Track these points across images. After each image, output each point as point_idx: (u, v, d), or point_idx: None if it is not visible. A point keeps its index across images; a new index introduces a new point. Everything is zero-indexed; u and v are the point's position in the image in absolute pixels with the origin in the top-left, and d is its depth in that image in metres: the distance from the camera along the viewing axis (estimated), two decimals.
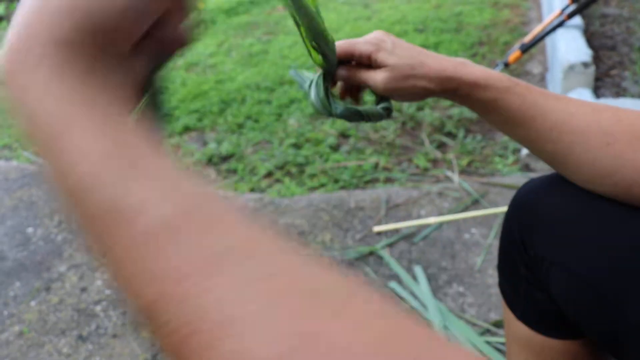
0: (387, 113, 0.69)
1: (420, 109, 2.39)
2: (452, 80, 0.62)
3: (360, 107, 0.68)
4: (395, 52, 0.64)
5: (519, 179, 1.80)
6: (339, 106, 0.66)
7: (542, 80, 2.58)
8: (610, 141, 0.54)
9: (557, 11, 2.49)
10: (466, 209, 1.68)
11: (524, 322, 0.71)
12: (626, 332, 0.54)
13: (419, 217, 1.66)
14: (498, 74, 0.62)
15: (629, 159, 0.53)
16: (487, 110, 0.62)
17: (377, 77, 0.65)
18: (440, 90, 0.63)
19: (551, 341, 0.70)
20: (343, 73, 0.68)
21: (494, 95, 0.61)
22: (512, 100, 0.60)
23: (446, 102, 2.45)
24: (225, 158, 2.22)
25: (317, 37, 0.59)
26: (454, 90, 0.62)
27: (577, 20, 2.54)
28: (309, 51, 0.62)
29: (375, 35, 0.66)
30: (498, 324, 1.27)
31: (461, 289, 1.39)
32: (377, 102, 0.70)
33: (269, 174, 2.06)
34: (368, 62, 0.66)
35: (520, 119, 0.59)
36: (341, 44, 0.67)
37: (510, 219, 0.69)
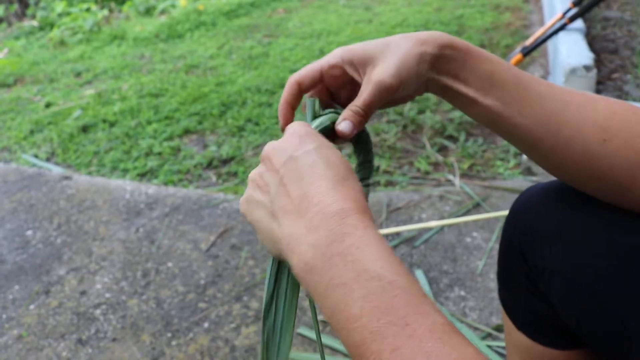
0: (369, 171, 0.64)
1: (421, 112, 2.38)
2: (446, 43, 0.56)
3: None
4: (368, 45, 0.58)
5: (521, 183, 1.80)
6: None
7: None
8: (607, 137, 0.52)
9: (558, 14, 2.49)
10: (467, 212, 1.67)
11: (524, 332, 0.71)
12: (628, 341, 0.53)
13: (420, 220, 1.65)
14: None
15: (624, 157, 0.52)
16: (484, 87, 0.55)
17: (378, 78, 0.56)
18: (436, 53, 0.55)
19: (552, 351, 0.69)
20: (349, 124, 0.57)
21: (490, 66, 0.56)
22: (506, 77, 0.55)
23: (447, 105, 2.44)
24: (226, 161, 2.22)
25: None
26: (449, 54, 0.55)
27: (579, 23, 2.53)
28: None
29: (336, 51, 0.60)
30: (500, 328, 1.26)
31: (462, 292, 1.38)
32: (360, 160, 0.64)
33: None
34: (341, 76, 0.59)
35: (518, 104, 0.55)
36: (303, 72, 0.60)
37: (508, 228, 0.68)
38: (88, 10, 4.90)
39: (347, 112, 0.57)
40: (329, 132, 0.58)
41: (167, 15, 4.70)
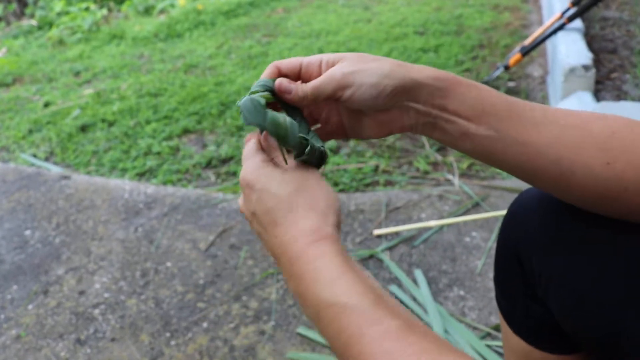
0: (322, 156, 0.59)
1: None
2: (430, 74, 0.54)
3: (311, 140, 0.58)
4: (353, 53, 0.58)
5: (520, 183, 1.80)
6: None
7: (542, 83, 2.57)
8: (609, 160, 0.51)
9: (557, 14, 2.49)
10: (467, 212, 1.67)
11: (521, 336, 0.70)
12: (626, 346, 0.53)
13: (419, 220, 1.65)
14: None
15: (631, 178, 0.50)
16: (476, 116, 0.53)
17: (332, 69, 0.56)
18: (416, 79, 0.53)
19: (549, 355, 0.69)
20: (286, 82, 0.59)
21: (478, 93, 0.53)
22: (497, 103, 0.53)
23: None
24: (225, 160, 2.22)
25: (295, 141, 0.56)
26: (432, 84, 0.54)
27: (578, 23, 2.53)
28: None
29: None
30: (498, 328, 1.26)
31: (462, 292, 1.38)
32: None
33: None
34: (316, 74, 0.59)
35: (513, 132, 0.52)
36: (286, 61, 0.60)
37: (504, 234, 0.68)
38: (87, 9, 4.90)
39: (294, 83, 0.59)
40: (271, 95, 0.59)
41: (166, 14, 4.69)
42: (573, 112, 0.54)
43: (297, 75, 0.60)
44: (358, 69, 0.55)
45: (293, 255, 0.51)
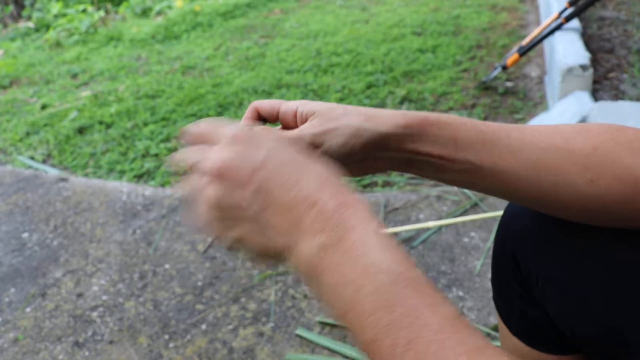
0: None
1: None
2: (400, 123, 0.53)
3: None
4: (325, 103, 0.56)
5: None
6: None
7: (540, 83, 2.58)
8: (593, 177, 0.50)
9: (554, 14, 2.49)
10: (465, 212, 1.67)
11: (519, 337, 0.70)
12: (626, 349, 0.53)
13: (417, 221, 1.65)
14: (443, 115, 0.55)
15: (618, 192, 0.50)
16: (450, 153, 0.53)
17: (303, 127, 0.55)
18: (384, 132, 0.53)
19: (547, 356, 0.69)
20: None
21: (451, 131, 0.53)
22: (471, 137, 0.52)
23: (444, 106, 2.44)
24: None
25: None
26: (402, 132, 0.53)
27: (575, 23, 2.53)
28: None
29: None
30: (498, 329, 1.26)
31: (461, 293, 1.38)
32: None
33: None
34: (292, 123, 0.58)
35: (490, 162, 0.52)
36: (269, 101, 0.59)
37: (501, 235, 0.68)
38: (84, 11, 4.89)
39: (273, 129, 0.56)
40: None
41: (164, 16, 4.69)
42: (553, 129, 0.53)
43: (276, 118, 0.60)
44: (326, 129, 0.54)
45: (333, 211, 0.42)
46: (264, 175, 0.44)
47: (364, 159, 0.55)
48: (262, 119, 0.61)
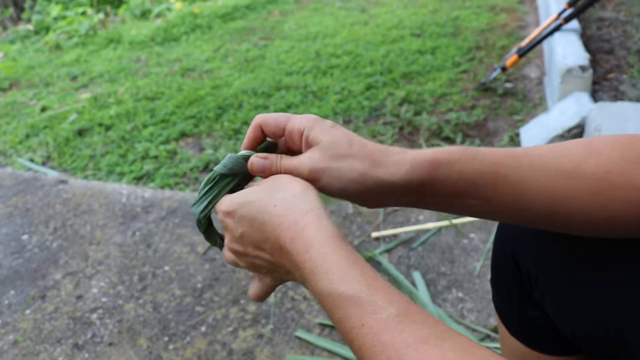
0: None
1: (417, 113, 2.38)
2: (407, 168, 0.51)
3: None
4: (332, 131, 0.54)
5: None
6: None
7: (539, 84, 2.58)
8: (605, 203, 0.49)
9: (554, 15, 2.49)
10: None
11: (519, 338, 0.70)
12: (625, 348, 0.53)
13: (417, 222, 1.65)
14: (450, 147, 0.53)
15: (632, 212, 0.49)
16: (458, 192, 0.52)
17: (304, 158, 0.55)
18: (389, 181, 0.52)
19: (547, 357, 0.69)
20: (260, 163, 0.58)
21: (461, 166, 0.51)
22: (484, 170, 0.51)
23: (444, 107, 2.44)
24: None
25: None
26: (404, 183, 0.52)
27: (574, 24, 2.53)
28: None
29: (312, 115, 0.57)
30: (497, 330, 1.26)
31: (460, 294, 1.38)
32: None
33: None
34: (298, 143, 0.57)
35: (501, 195, 0.52)
36: (275, 116, 0.58)
37: (500, 238, 0.68)
38: (84, 14, 4.90)
39: (272, 158, 0.58)
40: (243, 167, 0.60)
41: (163, 18, 4.69)
42: (564, 151, 0.52)
43: (281, 135, 0.59)
44: (327, 166, 0.53)
45: (288, 247, 0.50)
46: (246, 236, 0.55)
47: (366, 200, 0.54)
48: (265, 137, 0.60)
